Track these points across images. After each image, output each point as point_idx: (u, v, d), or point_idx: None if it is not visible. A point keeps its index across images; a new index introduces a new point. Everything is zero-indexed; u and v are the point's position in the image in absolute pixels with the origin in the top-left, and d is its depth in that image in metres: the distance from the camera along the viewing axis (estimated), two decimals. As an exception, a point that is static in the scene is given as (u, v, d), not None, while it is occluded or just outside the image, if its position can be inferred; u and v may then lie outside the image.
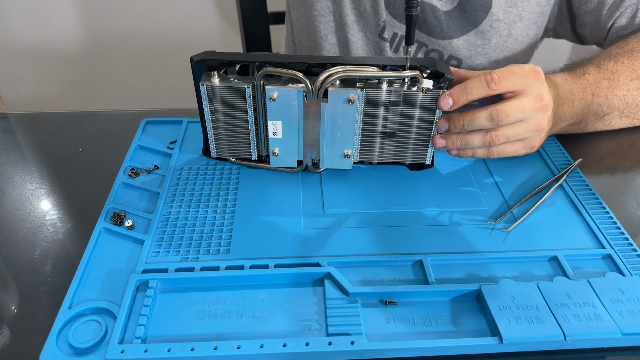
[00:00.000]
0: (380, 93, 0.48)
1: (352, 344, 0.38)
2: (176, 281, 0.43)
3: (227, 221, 0.49)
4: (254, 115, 0.51)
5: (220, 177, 0.55)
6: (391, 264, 0.45)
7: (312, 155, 0.54)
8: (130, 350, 0.37)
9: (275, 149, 0.52)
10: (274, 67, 0.48)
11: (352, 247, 0.46)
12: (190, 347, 0.37)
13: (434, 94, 0.48)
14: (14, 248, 0.48)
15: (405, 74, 0.48)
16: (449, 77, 0.48)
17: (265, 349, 0.37)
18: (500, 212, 0.51)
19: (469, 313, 0.41)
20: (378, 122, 0.51)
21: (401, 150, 0.53)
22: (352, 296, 0.41)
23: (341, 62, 0.48)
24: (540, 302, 0.40)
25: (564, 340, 0.38)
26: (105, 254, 0.46)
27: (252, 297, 0.42)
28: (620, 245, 0.46)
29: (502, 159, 0.58)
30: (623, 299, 0.41)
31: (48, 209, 0.53)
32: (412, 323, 0.40)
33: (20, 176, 0.57)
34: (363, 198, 0.52)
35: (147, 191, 0.53)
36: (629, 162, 0.60)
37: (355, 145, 0.52)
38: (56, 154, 0.61)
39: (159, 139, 0.61)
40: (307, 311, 0.41)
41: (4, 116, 0.68)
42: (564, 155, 0.58)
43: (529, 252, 0.46)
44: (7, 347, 0.39)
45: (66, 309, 0.40)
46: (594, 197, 0.52)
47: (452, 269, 0.44)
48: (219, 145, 0.54)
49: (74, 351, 0.38)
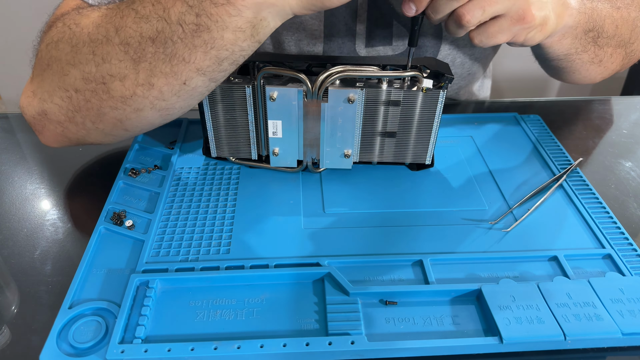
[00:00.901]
0: (380, 93, 0.48)
1: (352, 344, 0.38)
2: (176, 281, 0.43)
3: (227, 221, 0.49)
4: (254, 115, 0.51)
5: (220, 177, 0.55)
6: (391, 264, 0.45)
7: (312, 155, 0.54)
8: (131, 350, 0.37)
9: (276, 148, 0.52)
10: (274, 66, 0.48)
11: (352, 247, 0.46)
12: (190, 347, 0.37)
13: (434, 94, 0.48)
14: (14, 248, 0.48)
15: (406, 73, 0.48)
16: (449, 76, 0.48)
17: (265, 349, 0.37)
18: (500, 212, 0.51)
19: (469, 313, 0.41)
20: (378, 121, 0.51)
21: (401, 150, 0.53)
22: (352, 296, 0.41)
23: (341, 62, 0.49)
24: (540, 302, 0.40)
25: (564, 340, 0.38)
26: (105, 253, 0.46)
27: (252, 297, 0.42)
28: (620, 245, 0.46)
29: (502, 159, 0.58)
30: (623, 299, 0.41)
31: (48, 209, 0.53)
32: (412, 323, 0.40)
33: (20, 176, 0.57)
34: (363, 198, 0.52)
35: (147, 191, 0.53)
36: (629, 162, 0.60)
37: (355, 144, 0.52)
38: (56, 154, 0.61)
39: (159, 139, 0.61)
40: (307, 311, 0.41)
41: (4, 116, 0.68)
42: (564, 155, 0.58)
43: (529, 252, 0.46)
44: (7, 347, 0.39)
45: (66, 309, 0.40)
46: (594, 197, 0.52)
47: (452, 269, 0.44)
48: (219, 144, 0.54)
49: (74, 351, 0.38)
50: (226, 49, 0.40)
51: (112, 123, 0.46)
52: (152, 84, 0.42)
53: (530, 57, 0.69)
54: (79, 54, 0.44)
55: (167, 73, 0.41)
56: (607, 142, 0.64)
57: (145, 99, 0.43)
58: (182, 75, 0.41)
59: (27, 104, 0.49)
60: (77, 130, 0.48)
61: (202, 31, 0.39)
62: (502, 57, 1.43)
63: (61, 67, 0.45)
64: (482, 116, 0.66)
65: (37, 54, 0.49)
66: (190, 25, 0.39)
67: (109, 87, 0.43)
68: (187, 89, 0.43)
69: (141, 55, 0.41)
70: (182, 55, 0.40)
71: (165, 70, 0.41)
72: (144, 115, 0.45)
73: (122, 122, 0.46)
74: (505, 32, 0.46)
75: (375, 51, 0.65)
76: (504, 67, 1.50)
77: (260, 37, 0.41)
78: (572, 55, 0.58)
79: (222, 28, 0.39)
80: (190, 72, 0.41)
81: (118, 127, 0.47)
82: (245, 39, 0.40)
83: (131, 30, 0.41)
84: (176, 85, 0.42)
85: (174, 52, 0.40)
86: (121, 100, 0.44)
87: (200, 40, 0.40)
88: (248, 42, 0.41)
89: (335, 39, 0.64)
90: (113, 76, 0.42)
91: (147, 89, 0.42)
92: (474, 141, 0.61)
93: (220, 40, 0.40)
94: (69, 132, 0.49)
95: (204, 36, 0.39)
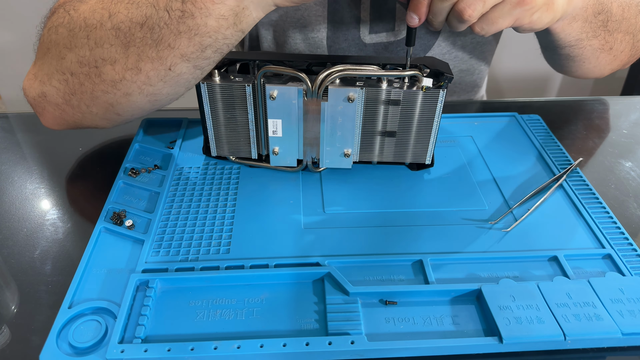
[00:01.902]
0: (380, 92, 0.48)
1: (352, 344, 0.38)
2: (176, 281, 0.43)
3: (227, 221, 0.49)
4: (254, 114, 0.51)
5: (220, 176, 0.55)
6: (391, 264, 0.45)
7: (312, 154, 0.54)
8: (130, 350, 0.37)
9: (275, 147, 0.52)
10: (274, 65, 0.48)
11: (352, 247, 0.46)
12: (190, 347, 0.37)
13: (433, 93, 0.48)
14: (14, 248, 0.48)
15: (405, 72, 0.48)
16: (448, 75, 0.48)
17: (265, 349, 0.37)
18: (500, 212, 0.51)
19: (469, 313, 0.41)
20: (378, 121, 0.51)
21: (401, 149, 0.53)
22: (352, 296, 0.41)
23: (341, 61, 0.49)
24: (540, 302, 0.40)
25: (564, 340, 0.38)
26: (105, 253, 0.46)
27: (252, 297, 0.42)
28: (620, 245, 0.46)
29: (501, 159, 0.58)
30: (623, 298, 0.41)
31: (48, 208, 0.53)
32: (412, 323, 0.40)
33: (20, 176, 0.57)
34: (363, 198, 0.52)
35: (147, 191, 0.53)
36: (629, 162, 0.60)
37: (355, 144, 0.52)
38: (56, 154, 0.61)
39: (159, 139, 0.61)
40: (307, 311, 0.41)
41: (4, 116, 0.68)
42: (564, 155, 0.58)
43: (529, 252, 0.46)
44: (7, 347, 0.39)
45: (66, 309, 0.40)
46: (594, 197, 0.52)
47: (452, 269, 0.44)
48: (219, 143, 0.54)
49: (74, 351, 0.38)
50: (209, 36, 0.42)
51: (104, 107, 0.48)
52: (139, 68, 0.44)
53: (530, 57, 0.68)
54: (75, 38, 0.45)
55: (154, 58, 0.43)
56: (607, 142, 0.64)
57: (133, 84, 0.45)
58: (168, 60, 0.43)
59: (29, 86, 0.51)
60: (74, 113, 0.50)
61: (187, 17, 0.41)
62: (502, 57, 1.43)
63: (59, 50, 0.47)
64: (482, 116, 0.66)
65: (40, 39, 0.51)
66: (176, 12, 0.41)
67: (101, 71, 0.45)
68: (173, 74, 0.44)
69: (130, 39, 0.43)
70: (167, 41, 0.42)
71: (152, 55, 0.43)
72: (133, 99, 0.47)
73: (113, 106, 0.48)
74: (506, 17, 0.45)
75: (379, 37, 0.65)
76: (504, 67, 1.50)
77: (243, 27, 0.42)
78: (583, 41, 0.57)
79: (205, 15, 0.41)
80: (175, 58, 0.43)
81: (110, 111, 0.49)
82: (228, 27, 0.42)
83: (122, 15, 0.43)
84: (162, 70, 0.44)
85: (160, 37, 0.42)
86: (112, 84, 0.45)
87: (184, 27, 0.41)
88: (231, 31, 0.42)
89: (339, 25, 0.64)
90: (105, 60, 0.44)
91: (136, 74, 0.44)
92: (474, 141, 0.61)
93: (204, 27, 0.41)
94: (67, 115, 0.51)
95: (189, 22, 0.41)
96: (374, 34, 0.65)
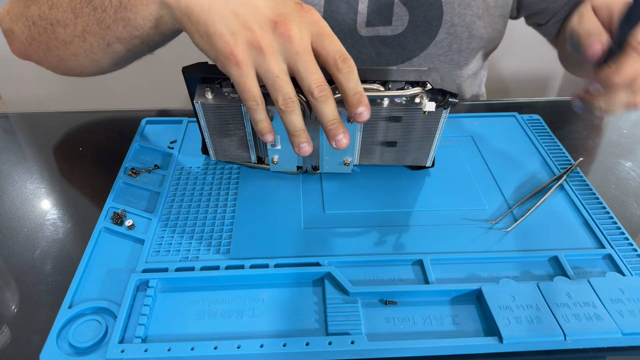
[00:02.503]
0: (381, 110, 0.47)
1: (352, 344, 0.38)
2: (176, 281, 0.43)
3: (227, 221, 0.49)
4: (251, 128, 0.50)
5: (220, 177, 0.55)
6: (391, 264, 0.45)
7: (312, 162, 0.54)
8: (131, 349, 0.37)
9: (275, 157, 0.52)
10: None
11: (352, 247, 0.46)
12: (190, 347, 0.37)
13: (436, 113, 0.47)
14: (14, 247, 0.48)
15: (408, 92, 0.46)
16: (452, 100, 0.46)
17: (265, 349, 0.37)
18: (500, 212, 0.51)
19: (469, 313, 0.41)
20: (379, 134, 0.50)
21: (402, 156, 0.52)
22: (352, 296, 0.41)
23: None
24: (540, 302, 0.40)
25: (564, 340, 0.38)
26: (105, 253, 0.46)
27: (252, 297, 0.42)
28: (620, 245, 0.46)
29: (501, 159, 0.58)
30: (623, 298, 0.41)
31: (48, 208, 0.53)
32: (412, 323, 0.40)
33: (20, 176, 0.57)
34: (363, 198, 0.52)
35: (147, 191, 0.53)
36: (629, 162, 0.60)
37: (356, 153, 0.52)
38: (56, 154, 0.61)
39: (159, 139, 0.61)
40: (307, 311, 0.41)
41: (4, 116, 0.68)
42: (564, 155, 0.58)
43: (529, 252, 0.46)
44: (7, 347, 0.39)
45: (66, 309, 0.40)
46: (594, 197, 0.52)
47: (452, 269, 0.44)
48: (218, 151, 0.54)
49: (74, 351, 0.38)
50: (137, 30, 0.47)
51: (56, 59, 0.54)
52: (85, 37, 0.49)
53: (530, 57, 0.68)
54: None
55: (96, 32, 0.48)
56: (607, 142, 0.64)
57: (80, 48, 0.50)
58: (106, 38, 0.48)
59: (2, 19, 0.56)
60: (35, 54, 0.55)
61: (122, 9, 0.46)
62: (502, 57, 1.43)
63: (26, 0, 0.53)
64: (482, 116, 0.66)
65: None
66: (115, 2, 0.46)
67: (55, 29, 0.50)
68: (111, 50, 0.50)
69: (79, 11, 0.48)
70: (107, 22, 0.47)
71: (95, 29, 0.48)
72: (80, 61, 0.52)
73: (63, 61, 0.54)
74: None
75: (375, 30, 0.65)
76: (504, 67, 1.50)
77: (163, 31, 0.46)
78: None
79: (135, 12, 0.45)
80: (112, 38, 0.48)
81: (61, 64, 0.54)
82: (151, 27, 0.46)
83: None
84: (102, 44, 0.49)
85: (102, 18, 0.47)
86: (62, 43, 0.51)
87: (120, 16, 0.46)
88: (154, 32, 0.47)
89: (335, 15, 0.64)
90: (58, 21, 0.50)
91: (82, 41, 0.50)
92: (474, 141, 0.61)
93: (134, 21, 0.46)
94: (29, 53, 0.56)
95: (123, 13, 0.46)
96: (370, 27, 0.65)
